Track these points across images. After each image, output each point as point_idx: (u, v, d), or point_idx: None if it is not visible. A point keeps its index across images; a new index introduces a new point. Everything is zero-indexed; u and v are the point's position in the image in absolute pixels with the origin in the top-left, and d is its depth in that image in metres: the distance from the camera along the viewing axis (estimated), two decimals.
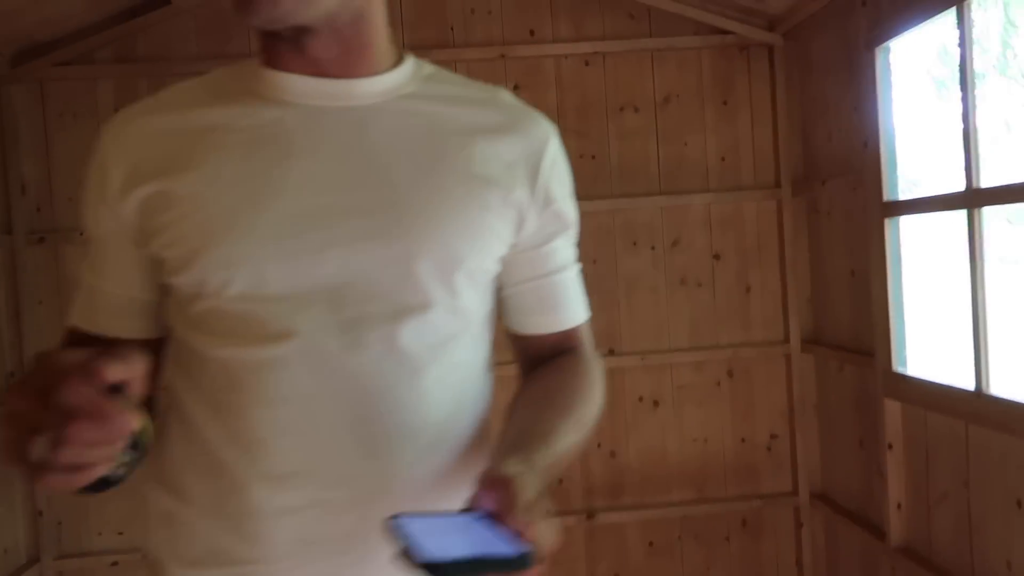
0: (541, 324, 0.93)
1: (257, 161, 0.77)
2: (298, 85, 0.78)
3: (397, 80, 0.83)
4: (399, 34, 2.74)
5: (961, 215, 1.84)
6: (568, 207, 0.92)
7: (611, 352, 2.82)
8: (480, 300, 0.87)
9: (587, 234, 2.81)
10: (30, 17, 2.41)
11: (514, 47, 2.75)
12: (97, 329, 0.84)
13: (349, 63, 0.79)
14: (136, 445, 0.58)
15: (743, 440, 2.90)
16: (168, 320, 0.85)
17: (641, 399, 2.87)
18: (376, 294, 0.78)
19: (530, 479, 0.65)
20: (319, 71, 0.78)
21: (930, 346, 3.11)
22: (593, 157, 2.81)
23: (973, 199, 1.81)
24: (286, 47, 0.77)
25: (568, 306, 0.93)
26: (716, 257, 2.87)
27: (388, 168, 0.79)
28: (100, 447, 0.54)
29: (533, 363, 0.94)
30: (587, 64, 2.79)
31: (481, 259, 0.84)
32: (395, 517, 0.58)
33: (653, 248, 2.85)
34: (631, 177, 2.82)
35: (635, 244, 2.84)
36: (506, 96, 0.91)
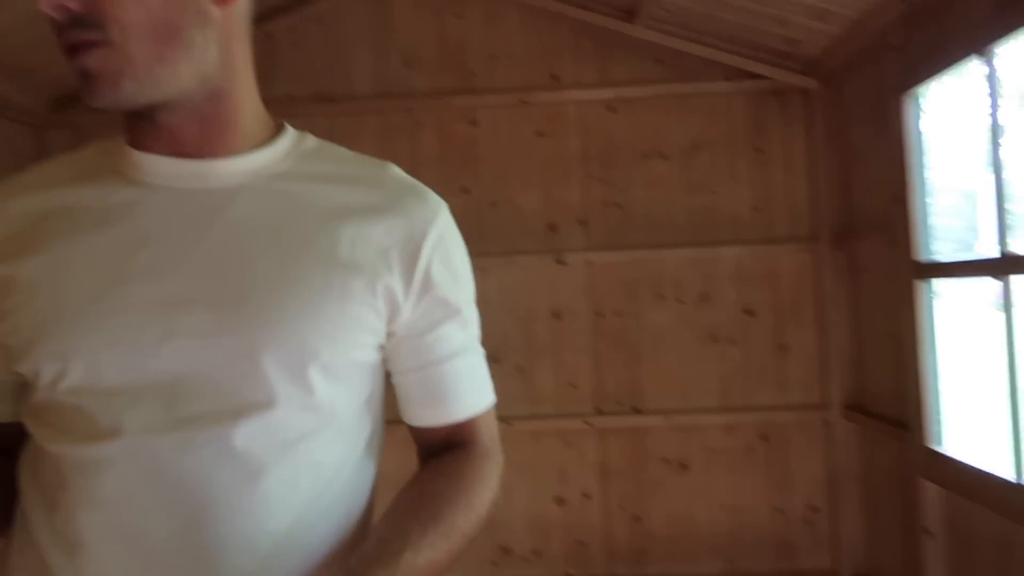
0: (427, 416, 0.84)
1: (104, 245, 0.71)
2: (156, 165, 0.73)
3: (267, 158, 0.77)
4: (421, 78, 2.73)
5: (995, 282, 1.64)
6: (458, 291, 0.83)
7: (635, 411, 2.68)
8: (349, 393, 0.78)
9: (610, 285, 2.72)
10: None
11: (536, 93, 2.69)
12: None
13: (210, 142, 0.74)
14: None
15: (778, 510, 2.69)
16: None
17: (667, 461, 2.71)
18: (213, 391, 0.71)
19: None
20: (178, 151, 0.73)
21: (971, 420, 2.82)
22: (618, 206, 2.71)
23: (1007, 266, 1.61)
24: (144, 125, 0.72)
25: (459, 397, 0.84)
26: (748, 313, 2.70)
27: (242, 254, 0.72)
28: None
29: (426, 457, 0.85)
30: (612, 110, 2.70)
31: (343, 351, 0.75)
32: None
33: (680, 302, 2.71)
34: (657, 227, 2.70)
35: (661, 297, 2.70)
36: (394, 172, 0.83)
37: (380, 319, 0.77)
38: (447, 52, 2.73)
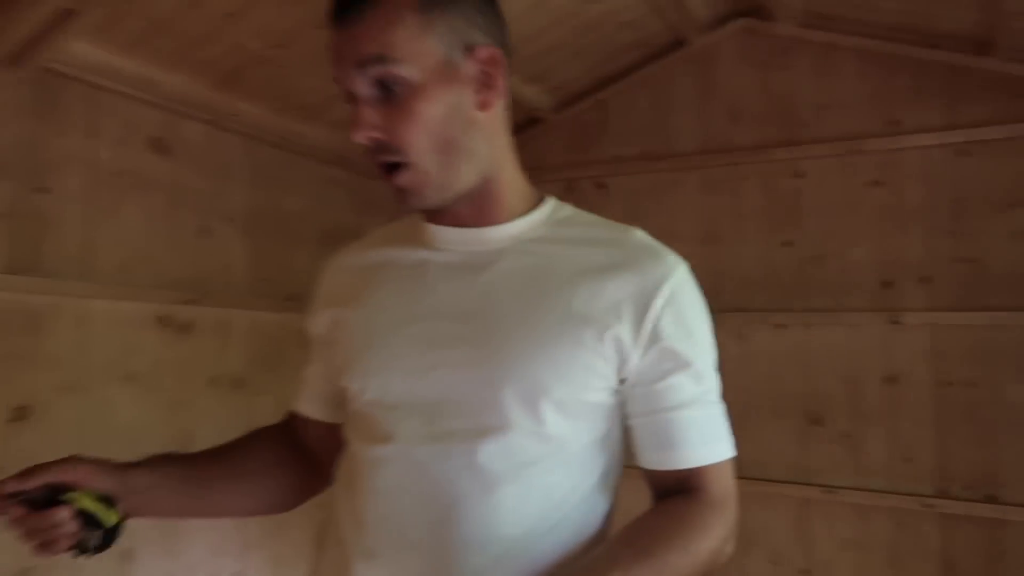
0: (655, 460, 0.91)
1: (403, 294, 0.93)
2: (442, 234, 0.94)
3: (526, 225, 0.93)
4: (745, 132, 2.73)
5: None
6: (690, 345, 0.90)
7: (988, 498, 2.31)
8: (579, 428, 0.89)
9: (958, 352, 2.43)
10: None
11: (870, 140, 2.51)
12: (298, 410, 1.08)
13: (482, 215, 0.92)
14: (95, 522, 0.79)
15: None
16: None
17: None
18: (463, 413, 0.87)
19: None
20: (459, 223, 0.93)
21: None
22: (970, 261, 2.39)
23: None
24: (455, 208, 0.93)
25: (686, 446, 0.89)
26: None
27: (497, 303, 0.88)
28: (38, 535, 0.84)
29: (657, 499, 0.92)
30: (963, 154, 2.40)
31: (574, 391, 0.87)
32: None
33: None
34: (1021, 287, 2.32)
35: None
36: (636, 235, 0.95)
37: (609, 365, 0.87)
38: (772, 105, 2.69)
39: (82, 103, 1.97)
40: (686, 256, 0.96)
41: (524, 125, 3.02)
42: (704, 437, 0.90)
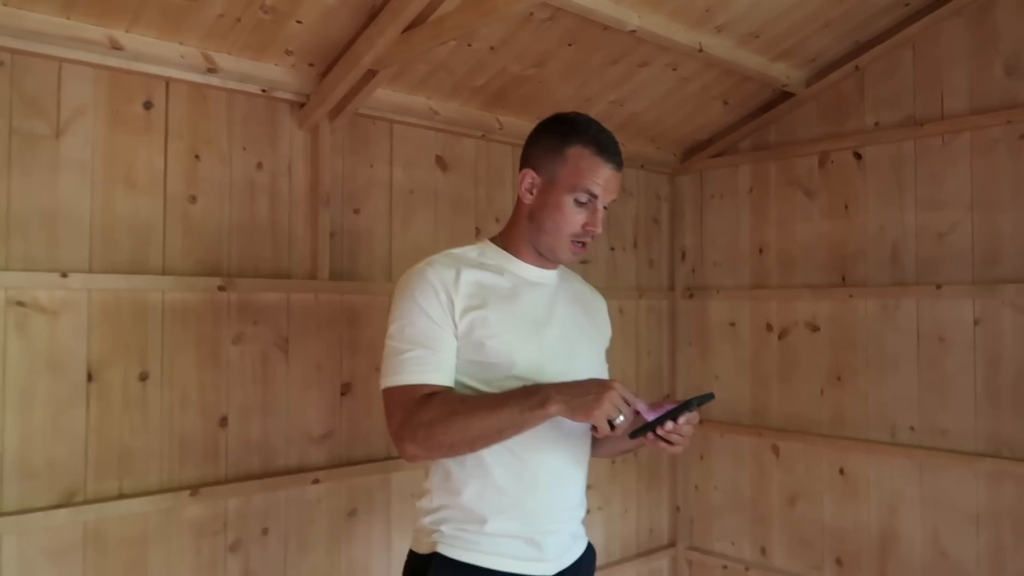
0: None
1: (530, 304, 1.48)
2: (530, 271, 1.51)
3: (557, 270, 1.57)
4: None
5: None
6: None
7: None
8: None
9: None
10: (689, 126, 3.14)
11: None
12: (438, 380, 1.38)
13: (550, 262, 1.54)
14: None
15: None
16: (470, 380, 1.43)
17: None
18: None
19: None
20: (540, 264, 1.52)
21: None
22: None
23: None
24: (539, 255, 1.50)
25: None
26: None
27: (572, 315, 1.54)
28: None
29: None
30: None
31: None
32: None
33: None
34: None
35: None
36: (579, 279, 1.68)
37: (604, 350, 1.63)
38: None
39: (383, 137, 2.43)
40: (955, 223, 1.15)
41: (774, 102, 3.02)
42: None
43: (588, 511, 1.57)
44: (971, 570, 2.57)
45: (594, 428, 1.29)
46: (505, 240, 1.51)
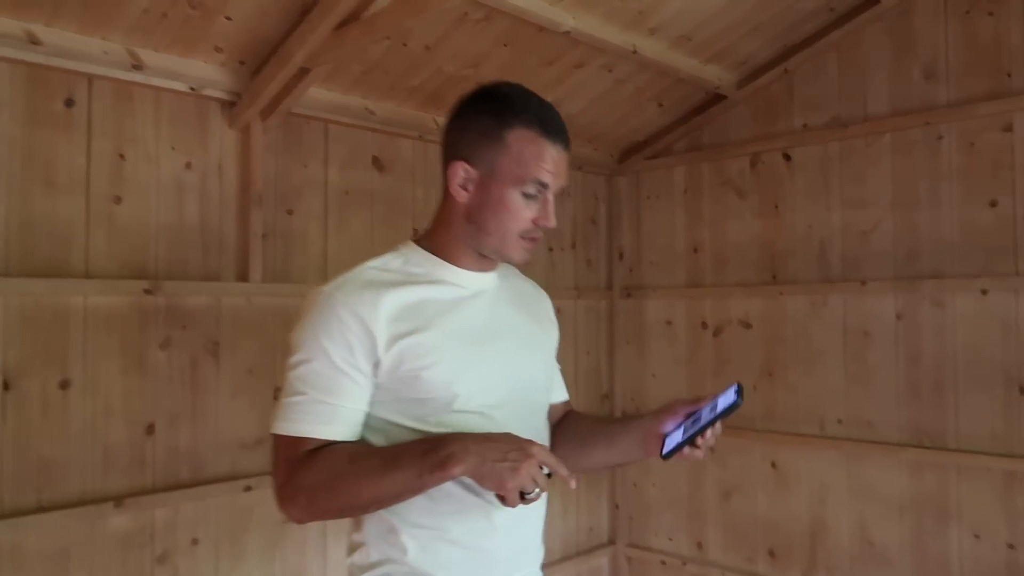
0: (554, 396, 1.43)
1: (469, 318, 1.24)
2: (469, 279, 1.27)
3: (496, 271, 1.32)
4: (943, 89, 2.62)
5: None
6: None
7: None
8: None
9: None
10: (625, 128, 3.18)
11: None
12: (331, 435, 1.13)
13: (490, 263, 1.29)
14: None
15: None
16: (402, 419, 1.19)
17: None
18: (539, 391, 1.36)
19: None
20: (479, 267, 1.28)
21: None
22: None
23: None
24: (485, 258, 1.27)
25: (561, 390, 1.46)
26: None
27: (516, 323, 1.32)
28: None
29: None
30: None
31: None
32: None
33: None
34: None
35: None
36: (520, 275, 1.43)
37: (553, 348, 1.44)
38: (976, 56, 2.54)
39: (317, 137, 2.40)
40: (878, 221, 1.16)
41: (707, 104, 3.09)
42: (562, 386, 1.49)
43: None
44: (895, 556, 2.67)
45: (500, 496, 1.06)
46: (436, 244, 1.27)
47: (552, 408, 1.40)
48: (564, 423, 1.43)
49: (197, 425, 2.11)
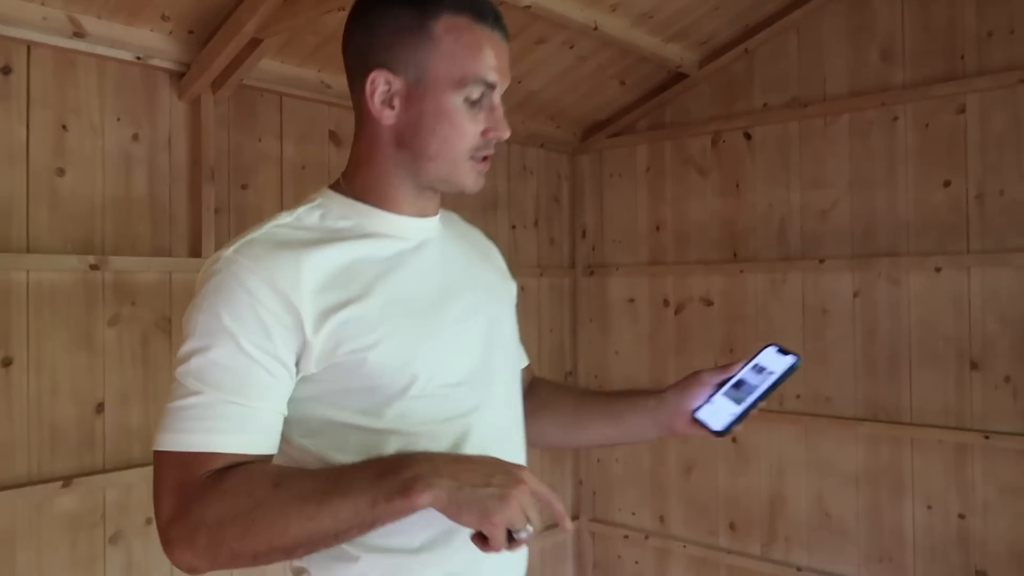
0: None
1: (404, 282, 0.96)
2: (408, 225, 0.99)
3: (438, 215, 1.06)
4: (899, 70, 2.64)
5: None
6: None
7: None
8: None
9: None
10: (588, 105, 3.16)
11: None
12: (244, 447, 0.85)
13: (431, 206, 1.03)
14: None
15: None
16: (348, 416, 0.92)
17: None
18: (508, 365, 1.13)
19: None
20: (420, 212, 1.00)
21: None
22: None
23: None
24: (428, 195, 1.00)
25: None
26: None
27: (472, 275, 1.07)
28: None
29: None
30: None
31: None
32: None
33: None
34: None
35: None
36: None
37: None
38: (931, 39, 2.56)
39: (272, 110, 2.34)
40: (836, 200, 1.13)
41: (669, 82, 3.08)
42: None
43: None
44: (851, 527, 2.71)
45: (479, 535, 0.81)
46: (360, 186, 0.98)
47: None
48: (537, 394, 1.20)
49: (149, 403, 2.06)
